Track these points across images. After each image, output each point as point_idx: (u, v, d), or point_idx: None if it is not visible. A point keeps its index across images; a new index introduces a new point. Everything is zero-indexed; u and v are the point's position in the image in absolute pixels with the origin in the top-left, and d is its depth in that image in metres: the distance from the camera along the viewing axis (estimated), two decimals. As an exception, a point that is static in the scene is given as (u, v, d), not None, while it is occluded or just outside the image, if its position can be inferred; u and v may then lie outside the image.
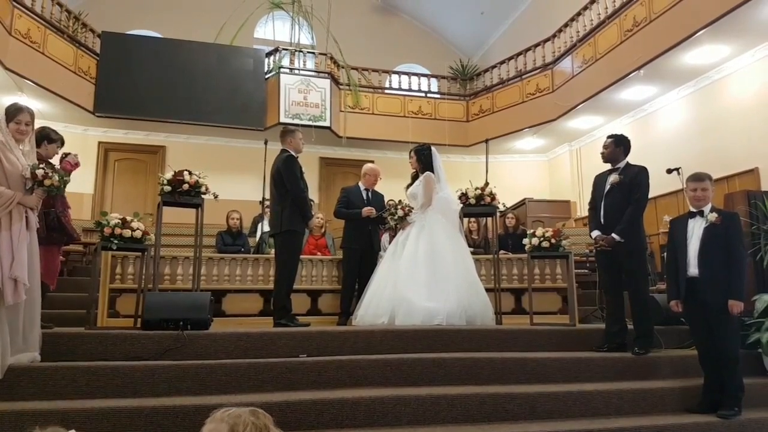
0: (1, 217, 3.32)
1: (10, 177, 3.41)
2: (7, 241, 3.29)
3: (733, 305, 3.70)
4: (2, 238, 3.28)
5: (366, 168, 6.27)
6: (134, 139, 11.50)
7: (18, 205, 3.39)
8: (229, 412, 1.54)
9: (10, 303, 3.26)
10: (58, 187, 3.61)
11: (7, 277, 3.23)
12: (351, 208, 5.98)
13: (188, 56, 10.52)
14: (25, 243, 3.38)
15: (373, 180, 6.15)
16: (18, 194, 3.40)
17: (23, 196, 3.44)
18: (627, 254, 4.39)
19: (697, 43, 7.62)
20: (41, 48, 9.03)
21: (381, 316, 4.99)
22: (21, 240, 3.35)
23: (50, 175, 3.53)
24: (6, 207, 3.33)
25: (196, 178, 4.97)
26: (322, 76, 11.23)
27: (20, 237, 3.35)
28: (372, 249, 5.95)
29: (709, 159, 7.85)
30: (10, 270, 3.24)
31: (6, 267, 3.24)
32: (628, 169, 4.57)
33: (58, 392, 3.27)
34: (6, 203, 3.32)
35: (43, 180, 3.50)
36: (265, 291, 5.89)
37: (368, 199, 6.07)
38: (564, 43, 10.66)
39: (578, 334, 4.73)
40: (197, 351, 3.86)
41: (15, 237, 3.32)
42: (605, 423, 3.44)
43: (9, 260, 3.26)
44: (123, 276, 5.59)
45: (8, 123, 3.50)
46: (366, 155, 12.00)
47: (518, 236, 7.28)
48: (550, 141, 12.22)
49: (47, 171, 3.52)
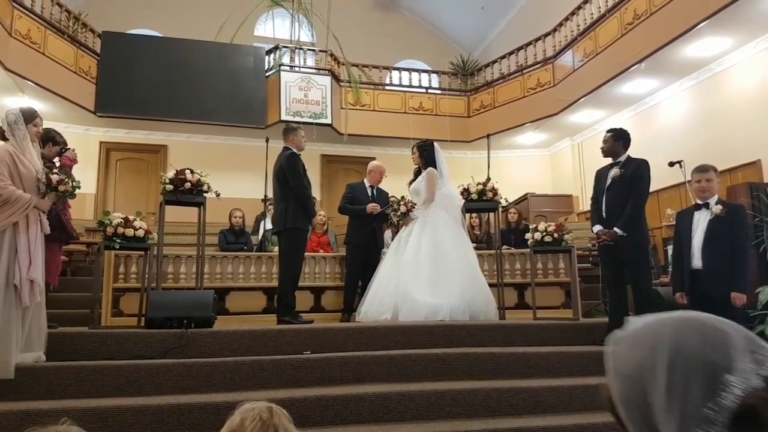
0: (19, 220, 3.37)
1: (25, 180, 3.47)
2: (24, 244, 3.35)
3: (736, 297, 3.70)
4: (20, 241, 3.35)
5: (371, 165, 6.30)
6: (136, 138, 11.50)
7: (33, 209, 3.45)
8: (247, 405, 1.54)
9: (27, 304, 3.32)
10: (72, 192, 3.69)
11: (25, 279, 3.29)
12: (355, 205, 6.00)
13: (188, 55, 10.52)
14: (41, 246, 3.46)
15: (378, 177, 6.17)
16: (34, 198, 3.47)
17: (38, 200, 3.50)
18: (629, 248, 4.38)
19: (698, 35, 7.58)
20: (42, 48, 9.03)
21: (384, 313, 5.00)
22: (38, 243, 3.42)
23: (65, 180, 3.61)
24: (24, 210, 3.38)
25: (198, 176, 4.98)
26: (323, 73, 11.22)
27: (37, 240, 3.42)
28: (376, 245, 5.97)
29: (711, 151, 7.81)
30: (27, 272, 3.30)
31: (24, 269, 3.30)
32: (629, 162, 4.56)
33: (63, 392, 3.28)
34: (23, 207, 3.38)
35: (57, 185, 3.58)
36: (268, 289, 5.90)
37: (373, 195, 6.09)
38: (564, 37, 10.62)
39: (581, 329, 4.73)
40: (201, 349, 3.88)
41: (32, 240, 3.40)
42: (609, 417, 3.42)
43: (27, 262, 3.32)
44: (126, 275, 5.60)
45: (27, 124, 3.55)
46: (367, 152, 11.99)
47: (520, 231, 7.26)
48: (551, 135, 12.20)
49: (62, 177, 3.61)
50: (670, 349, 0.83)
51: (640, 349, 0.87)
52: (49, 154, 4.56)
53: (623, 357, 0.92)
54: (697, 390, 0.79)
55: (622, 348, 0.92)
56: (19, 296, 3.28)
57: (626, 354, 0.91)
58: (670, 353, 0.82)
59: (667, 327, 0.86)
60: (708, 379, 0.79)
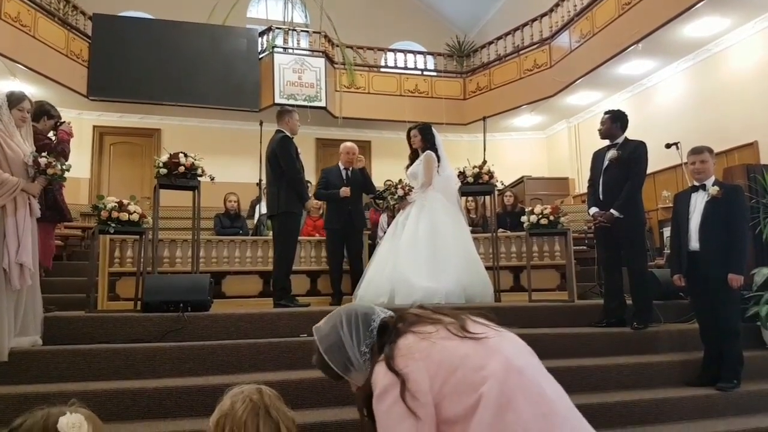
0: (6, 203, 3.36)
1: (12, 163, 3.45)
2: (12, 227, 3.36)
3: (732, 279, 3.70)
4: (8, 224, 3.35)
5: (342, 147, 6.18)
6: (129, 122, 11.42)
7: (21, 192, 3.45)
8: (236, 389, 1.55)
9: (17, 287, 3.33)
10: (61, 175, 3.68)
11: (14, 262, 3.30)
12: (330, 189, 5.92)
13: (181, 37, 10.38)
14: (30, 229, 3.46)
15: (349, 158, 6.04)
16: (22, 181, 3.46)
17: (26, 184, 3.49)
18: (625, 230, 4.39)
19: (696, 15, 7.53)
20: (32, 31, 8.91)
21: (381, 296, 4.99)
22: (26, 226, 3.42)
23: (53, 164, 3.60)
24: (11, 194, 3.38)
25: (191, 160, 4.94)
26: (317, 55, 11.11)
27: (25, 223, 3.42)
28: (354, 228, 5.88)
29: (708, 133, 7.80)
30: (16, 255, 3.31)
31: (12, 252, 3.31)
32: (626, 144, 4.54)
33: (60, 375, 3.28)
34: (10, 190, 3.38)
35: (46, 169, 3.57)
36: (264, 272, 5.90)
37: (347, 177, 5.98)
38: (561, 17, 10.53)
39: (577, 310, 4.75)
40: (198, 332, 3.88)
41: (20, 223, 3.40)
42: (604, 397, 3.47)
43: (15, 246, 3.33)
44: (122, 259, 5.59)
45: (11, 109, 3.53)
46: (362, 135, 11.93)
47: (516, 214, 7.26)
48: (548, 118, 12.16)
49: (50, 160, 3.59)
50: (345, 315, 1.80)
51: (329, 321, 1.83)
52: (44, 128, 4.54)
53: (322, 328, 1.83)
54: (362, 327, 1.77)
55: (321, 325, 1.85)
56: (9, 280, 3.28)
57: (323, 326, 1.83)
58: (346, 316, 1.80)
59: (339, 310, 1.86)
60: (365, 322, 1.78)
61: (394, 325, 1.74)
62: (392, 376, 1.56)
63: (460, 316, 1.74)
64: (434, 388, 1.53)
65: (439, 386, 1.53)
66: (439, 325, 1.67)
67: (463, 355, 1.57)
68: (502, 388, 1.50)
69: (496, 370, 1.53)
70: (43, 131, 4.46)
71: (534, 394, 1.53)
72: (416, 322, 1.71)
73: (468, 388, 1.52)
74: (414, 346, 1.61)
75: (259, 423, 1.47)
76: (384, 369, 1.60)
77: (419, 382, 1.54)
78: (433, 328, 1.66)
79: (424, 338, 1.63)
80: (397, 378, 1.55)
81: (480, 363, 1.55)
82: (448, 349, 1.59)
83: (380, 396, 1.58)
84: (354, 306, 1.88)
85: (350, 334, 1.76)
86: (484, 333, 1.65)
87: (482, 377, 1.52)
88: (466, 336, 1.63)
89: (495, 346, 1.61)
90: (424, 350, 1.59)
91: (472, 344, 1.60)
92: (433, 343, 1.61)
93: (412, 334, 1.66)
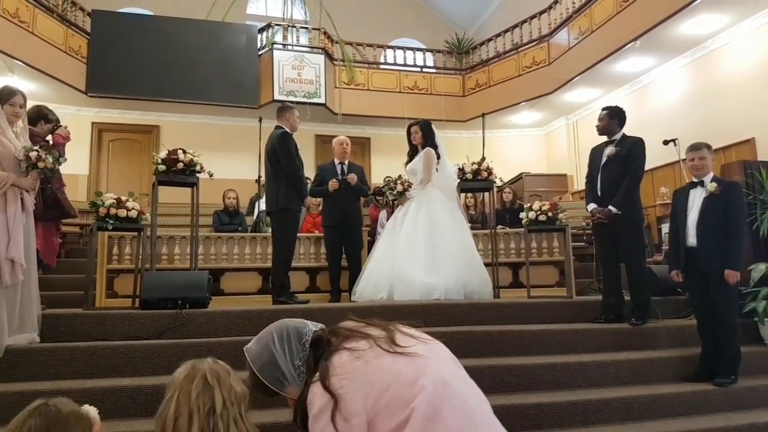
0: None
1: (3, 159, 3.41)
2: (2, 223, 3.31)
3: (729, 275, 3.71)
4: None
5: (333, 141, 6.18)
6: (128, 119, 11.39)
7: (13, 187, 3.40)
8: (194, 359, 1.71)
9: (7, 283, 3.28)
10: (52, 169, 3.62)
11: (4, 258, 3.26)
12: (325, 186, 5.89)
13: (180, 34, 10.36)
14: (21, 224, 3.40)
15: (341, 151, 6.03)
16: (12, 176, 3.41)
17: (18, 178, 3.45)
18: (624, 226, 4.38)
19: (693, 12, 7.52)
20: (31, 28, 8.89)
21: (380, 292, 5.00)
22: (17, 221, 3.37)
23: (44, 157, 3.54)
24: (1, 189, 3.33)
25: (190, 156, 4.92)
26: (316, 51, 11.10)
27: (16, 218, 3.36)
28: (350, 223, 5.85)
29: (705, 130, 7.80)
30: (6, 251, 3.27)
31: (2, 248, 3.26)
32: (624, 141, 4.54)
33: (58, 372, 3.28)
34: (0, 185, 3.33)
35: (36, 162, 3.52)
36: (263, 269, 5.89)
37: (342, 172, 5.95)
38: (560, 14, 10.52)
39: (575, 306, 4.75)
40: (196, 329, 3.87)
41: (11, 218, 3.34)
42: (603, 393, 3.47)
43: (5, 241, 3.28)
44: (120, 256, 5.58)
45: (3, 105, 3.50)
46: (362, 132, 11.92)
47: (515, 211, 7.26)
48: (546, 115, 12.15)
49: (41, 153, 3.53)
50: (276, 332, 1.89)
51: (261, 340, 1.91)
52: (42, 131, 4.52)
53: (253, 348, 1.91)
54: (294, 342, 1.83)
55: (251, 346, 1.93)
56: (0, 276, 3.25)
57: (254, 346, 1.92)
58: (277, 334, 1.88)
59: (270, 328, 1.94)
60: (297, 336, 1.85)
61: (327, 339, 1.84)
62: (328, 397, 1.65)
63: (389, 328, 1.83)
64: (368, 406, 1.63)
65: (372, 403, 1.63)
66: (371, 341, 1.76)
67: (396, 371, 1.68)
68: (431, 400, 1.61)
69: (426, 384, 1.63)
70: (41, 134, 4.43)
71: (459, 402, 1.65)
72: (349, 336, 1.81)
73: (401, 404, 1.62)
74: (348, 365, 1.70)
75: (192, 388, 1.59)
76: (320, 389, 1.67)
77: (353, 402, 1.63)
78: (366, 344, 1.75)
79: (359, 357, 1.71)
80: (332, 398, 1.64)
81: (411, 378, 1.66)
82: (381, 368, 1.68)
83: (316, 417, 1.66)
84: (285, 322, 1.96)
85: (283, 350, 1.84)
86: (414, 346, 1.76)
87: (413, 393, 1.62)
88: (397, 351, 1.72)
89: (424, 359, 1.72)
90: (359, 369, 1.68)
91: (404, 360, 1.70)
92: (367, 362, 1.70)
93: (347, 351, 1.74)
